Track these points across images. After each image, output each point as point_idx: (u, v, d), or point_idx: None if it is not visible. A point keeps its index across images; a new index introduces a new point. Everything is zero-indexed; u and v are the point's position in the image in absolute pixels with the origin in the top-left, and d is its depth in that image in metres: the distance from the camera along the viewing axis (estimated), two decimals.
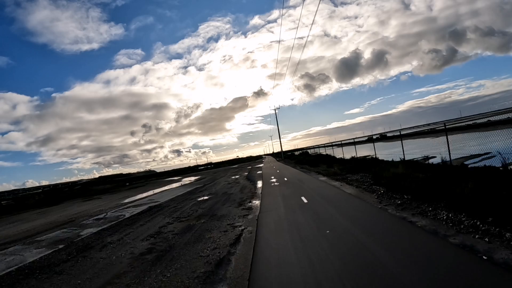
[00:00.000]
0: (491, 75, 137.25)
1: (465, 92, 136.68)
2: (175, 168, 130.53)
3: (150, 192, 28.48)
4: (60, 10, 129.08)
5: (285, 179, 18.84)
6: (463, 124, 10.56)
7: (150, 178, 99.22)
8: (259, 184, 18.82)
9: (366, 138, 21.24)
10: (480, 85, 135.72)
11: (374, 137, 20.20)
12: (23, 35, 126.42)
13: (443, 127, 9.69)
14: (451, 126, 9.93)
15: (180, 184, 34.02)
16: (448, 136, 9.65)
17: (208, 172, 63.26)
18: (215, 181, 28.57)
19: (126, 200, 23.67)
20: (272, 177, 21.32)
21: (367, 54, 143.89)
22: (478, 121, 9.93)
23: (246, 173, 32.28)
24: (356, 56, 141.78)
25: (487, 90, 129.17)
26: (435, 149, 11.30)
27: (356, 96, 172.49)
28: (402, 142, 13.87)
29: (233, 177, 29.82)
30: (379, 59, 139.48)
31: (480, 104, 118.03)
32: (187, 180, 42.46)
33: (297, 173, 22.26)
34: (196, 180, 36.77)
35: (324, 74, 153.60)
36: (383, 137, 20.08)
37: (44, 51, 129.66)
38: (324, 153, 35.21)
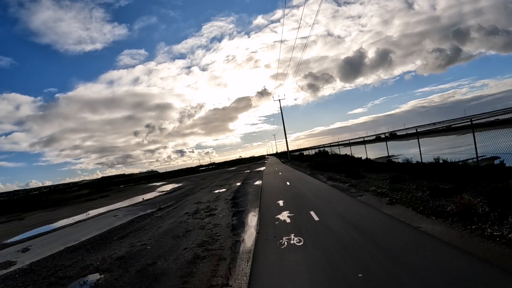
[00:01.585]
0: (494, 74, 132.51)
1: (469, 92, 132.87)
2: (177, 168, 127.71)
3: (80, 217, 17.74)
4: (63, 10, 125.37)
5: (315, 216, 7.72)
6: (485, 120, 8.47)
7: (140, 181, 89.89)
8: (250, 232, 7.83)
9: (374, 137, 19.16)
10: (483, 85, 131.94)
11: (383, 135, 18.23)
12: (26, 35, 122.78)
13: (470, 123, 8.37)
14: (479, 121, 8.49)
15: (141, 199, 23.22)
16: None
17: (199, 176, 52.58)
18: (185, 199, 17.63)
19: (10, 240, 12.93)
20: (281, 204, 10.26)
21: (370, 54, 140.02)
22: (500, 117, 8.27)
23: (238, 183, 21.30)
24: (359, 55, 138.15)
25: (491, 90, 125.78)
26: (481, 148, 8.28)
27: (359, 96, 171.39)
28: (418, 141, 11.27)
29: (217, 191, 18.88)
30: (383, 59, 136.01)
31: (484, 104, 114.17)
32: (160, 190, 31.76)
33: (331, 192, 11.20)
34: (166, 193, 25.91)
35: (328, 73, 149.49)
36: (392, 136, 18.06)
37: (47, 51, 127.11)
38: (342, 154, 24.74)
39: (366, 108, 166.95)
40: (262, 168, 38.09)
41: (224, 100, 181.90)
